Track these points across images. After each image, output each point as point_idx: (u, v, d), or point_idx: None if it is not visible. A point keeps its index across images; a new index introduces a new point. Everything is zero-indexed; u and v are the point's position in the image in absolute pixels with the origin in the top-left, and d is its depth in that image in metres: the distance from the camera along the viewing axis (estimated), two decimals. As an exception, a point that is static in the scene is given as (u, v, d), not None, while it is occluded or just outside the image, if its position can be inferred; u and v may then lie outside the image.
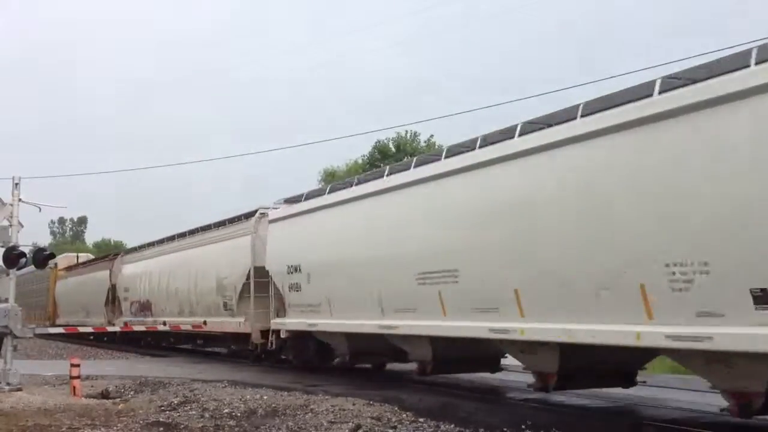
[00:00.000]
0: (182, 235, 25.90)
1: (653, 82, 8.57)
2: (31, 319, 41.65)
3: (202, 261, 22.76)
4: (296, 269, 16.65)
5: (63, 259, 42.60)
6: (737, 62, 7.76)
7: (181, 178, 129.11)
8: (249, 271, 19.39)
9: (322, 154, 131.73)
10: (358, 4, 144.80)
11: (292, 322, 17.27)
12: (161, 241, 27.86)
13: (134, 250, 31.64)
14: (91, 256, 43.32)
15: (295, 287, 16.76)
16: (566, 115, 9.85)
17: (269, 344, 18.48)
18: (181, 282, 24.16)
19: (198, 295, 22.77)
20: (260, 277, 18.79)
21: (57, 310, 41.03)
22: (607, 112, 9.06)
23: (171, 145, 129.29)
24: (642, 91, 8.73)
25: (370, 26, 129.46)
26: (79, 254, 44.80)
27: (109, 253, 34.18)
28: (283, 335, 17.76)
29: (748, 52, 7.67)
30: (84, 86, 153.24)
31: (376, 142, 46.31)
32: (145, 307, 27.39)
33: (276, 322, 17.99)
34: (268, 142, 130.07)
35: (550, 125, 10.16)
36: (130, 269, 30.30)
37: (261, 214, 19.54)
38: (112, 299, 31.30)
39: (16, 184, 15.53)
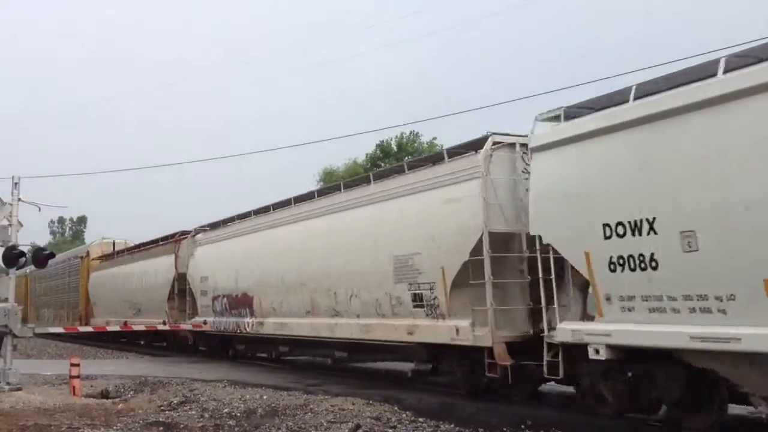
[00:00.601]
0: (304, 198, 17.89)
1: None
2: (56, 320, 37.74)
3: (358, 232, 14.91)
4: (639, 227, 8.93)
5: (96, 247, 35.80)
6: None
7: (180, 179, 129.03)
8: (479, 240, 11.56)
9: (321, 154, 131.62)
10: (359, 4, 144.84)
11: (631, 330, 9.22)
12: (264, 210, 19.82)
13: (215, 226, 22.90)
14: (130, 242, 33.64)
15: (638, 262, 9.01)
16: None
17: (546, 370, 10.47)
18: (314, 265, 16.32)
19: (351, 284, 15.01)
20: (500, 251, 11.51)
21: (92, 309, 33.84)
22: None
23: (170, 144, 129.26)
24: None
25: (371, 26, 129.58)
26: (116, 240, 35.16)
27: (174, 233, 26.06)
28: (598, 355, 9.60)
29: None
30: (84, 86, 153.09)
31: (380, 141, 47.05)
32: (239, 303, 20.01)
33: (583, 331, 9.90)
34: (269, 141, 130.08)
35: None
36: (209, 252, 22.52)
37: (496, 142, 11.92)
38: (179, 293, 24.28)
39: (16, 183, 15.55)
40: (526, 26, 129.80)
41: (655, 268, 8.87)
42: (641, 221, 8.96)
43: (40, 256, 16.92)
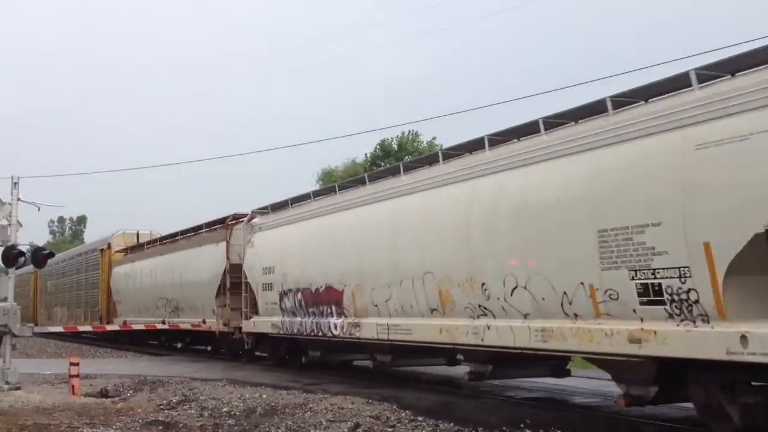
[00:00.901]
0: (417, 164, 13.61)
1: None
2: (71, 320, 35.09)
3: (522, 200, 10.48)
4: None
5: (118, 239, 31.67)
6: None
7: (179, 179, 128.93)
8: None
9: (320, 154, 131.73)
10: (359, 4, 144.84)
11: None
12: (355, 183, 15.82)
13: (279, 206, 18.45)
14: (156, 234, 29.66)
15: None
16: None
17: None
18: (445, 248, 11.93)
19: (512, 272, 10.45)
20: None
21: (115, 308, 30.43)
22: None
23: (169, 144, 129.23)
24: None
25: (370, 26, 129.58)
26: (140, 231, 31.27)
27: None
28: None
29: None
30: (85, 86, 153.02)
31: (382, 141, 47.09)
32: (320, 300, 15.67)
33: None
34: (268, 142, 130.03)
35: None
36: (274, 238, 18.17)
37: None
38: (231, 287, 20.47)
39: (15, 183, 15.54)
40: (526, 26, 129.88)
41: None
42: None
43: (39, 256, 16.93)
